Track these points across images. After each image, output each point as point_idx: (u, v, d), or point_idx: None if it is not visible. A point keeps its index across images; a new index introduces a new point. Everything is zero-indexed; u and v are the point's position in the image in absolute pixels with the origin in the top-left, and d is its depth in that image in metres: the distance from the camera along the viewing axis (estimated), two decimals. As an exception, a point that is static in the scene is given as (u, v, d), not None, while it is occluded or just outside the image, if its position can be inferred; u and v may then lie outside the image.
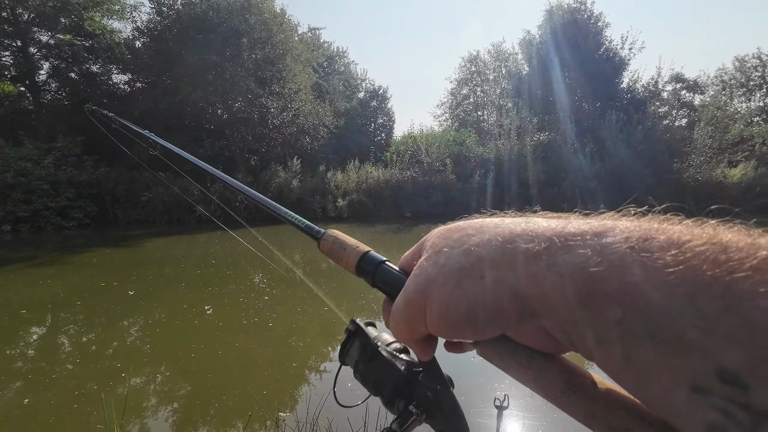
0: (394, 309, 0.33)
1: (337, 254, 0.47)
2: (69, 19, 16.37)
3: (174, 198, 15.23)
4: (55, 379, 3.64)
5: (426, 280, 0.30)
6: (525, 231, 0.27)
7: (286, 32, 17.51)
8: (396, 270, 0.39)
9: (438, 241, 0.32)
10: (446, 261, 0.29)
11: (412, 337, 0.34)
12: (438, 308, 0.29)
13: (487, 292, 0.26)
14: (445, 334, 0.30)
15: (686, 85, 26.02)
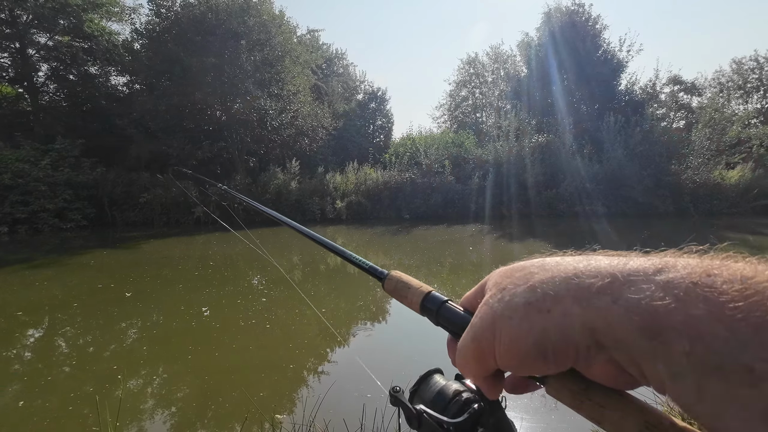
0: (461, 346, 0.34)
1: (401, 293, 0.49)
2: (68, 21, 16.37)
3: (172, 200, 15.21)
4: (51, 381, 3.62)
5: (492, 316, 0.31)
6: (587, 267, 0.28)
7: (285, 34, 17.53)
8: (459, 309, 0.41)
9: (501, 280, 0.33)
10: (511, 297, 0.30)
11: (481, 374, 0.34)
12: (507, 342, 0.30)
13: (555, 324, 0.27)
14: (515, 367, 0.31)
15: (684, 87, 26.12)
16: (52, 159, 14.50)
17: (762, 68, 25.48)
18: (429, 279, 7.39)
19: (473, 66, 27.85)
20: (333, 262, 8.99)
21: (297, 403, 3.20)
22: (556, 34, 19.58)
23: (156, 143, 16.27)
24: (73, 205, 14.50)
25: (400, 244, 10.88)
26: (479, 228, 13.13)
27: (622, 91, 20.30)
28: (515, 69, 24.07)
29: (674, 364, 0.23)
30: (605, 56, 19.78)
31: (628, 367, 0.26)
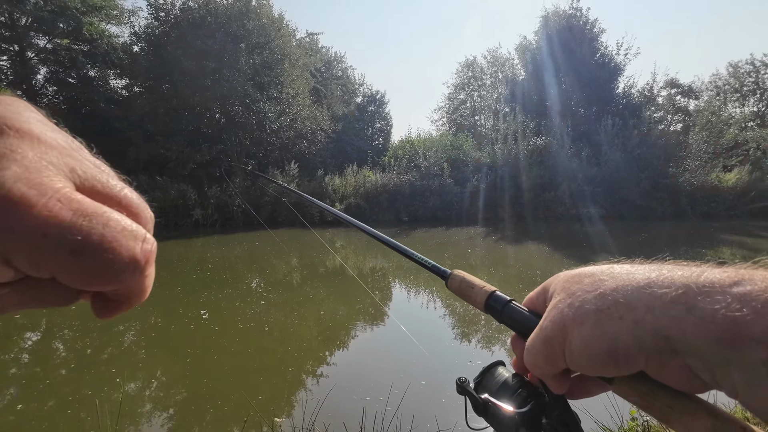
0: (531, 346, 0.36)
1: (466, 292, 0.52)
2: (67, 24, 16.38)
3: (171, 202, 15.18)
4: (49, 384, 3.61)
5: (563, 321, 0.33)
6: (660, 278, 0.30)
7: (284, 37, 17.56)
8: (524, 309, 0.43)
9: (569, 285, 0.35)
10: (581, 303, 0.32)
11: (550, 372, 0.36)
12: (578, 345, 0.31)
13: (627, 330, 0.29)
14: (586, 368, 0.32)
15: (681, 90, 26.25)
16: (50, 162, 14.47)
17: (758, 72, 25.65)
18: (428, 282, 7.40)
19: (471, 69, 27.97)
20: (332, 264, 9.00)
21: (296, 405, 3.20)
22: (554, 37, 19.70)
23: (155, 146, 16.25)
24: (71, 207, 14.47)
25: (399, 246, 10.88)
26: (477, 230, 13.16)
27: (620, 94, 20.42)
28: (513, 72, 24.17)
29: (751, 372, 0.24)
30: (603, 60, 19.90)
31: (700, 373, 0.27)
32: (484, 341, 4.46)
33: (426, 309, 5.91)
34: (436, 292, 6.77)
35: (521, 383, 0.44)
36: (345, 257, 9.66)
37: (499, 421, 0.43)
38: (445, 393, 3.17)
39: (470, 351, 4.24)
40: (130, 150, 16.43)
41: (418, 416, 2.62)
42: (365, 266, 8.79)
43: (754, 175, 16.26)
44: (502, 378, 0.46)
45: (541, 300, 0.40)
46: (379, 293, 6.69)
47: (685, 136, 17.30)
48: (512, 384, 0.44)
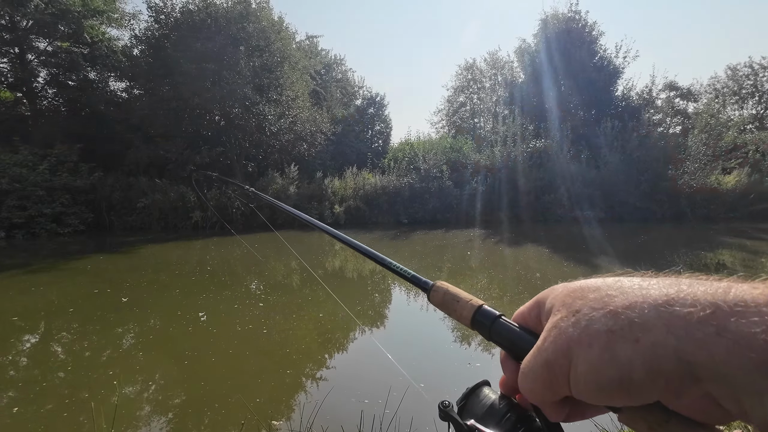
0: (528, 371, 0.33)
1: (450, 306, 0.48)
2: (68, 27, 16.43)
3: (170, 204, 15.18)
4: (46, 387, 3.59)
5: (568, 342, 0.29)
6: (681, 295, 0.26)
7: (284, 40, 17.62)
8: (515, 326, 0.40)
9: (570, 301, 0.31)
10: (588, 323, 0.28)
11: (549, 399, 0.33)
12: (585, 371, 0.28)
13: (644, 355, 0.25)
14: (593, 398, 0.29)
15: (680, 93, 26.34)
16: (50, 164, 14.48)
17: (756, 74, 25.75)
18: (427, 284, 7.38)
19: (471, 72, 28.04)
20: (331, 266, 8.98)
21: (294, 409, 3.18)
22: (553, 40, 19.78)
23: (154, 148, 16.27)
24: (70, 209, 14.46)
25: (399, 249, 10.87)
26: (477, 233, 13.15)
27: (619, 97, 20.48)
28: (513, 75, 24.23)
29: None
30: (601, 62, 19.97)
31: (724, 402, 0.24)
32: (483, 344, 4.44)
33: (427, 311, 5.89)
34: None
35: (509, 406, 0.41)
36: (344, 259, 9.64)
37: None
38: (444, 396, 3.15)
39: (470, 354, 4.22)
40: (130, 152, 16.45)
41: (417, 419, 2.60)
42: (364, 269, 8.78)
43: (753, 177, 16.28)
44: (489, 401, 0.42)
45: (533, 315, 0.37)
46: (378, 296, 6.68)
47: (684, 138, 17.33)
48: (500, 408, 0.41)
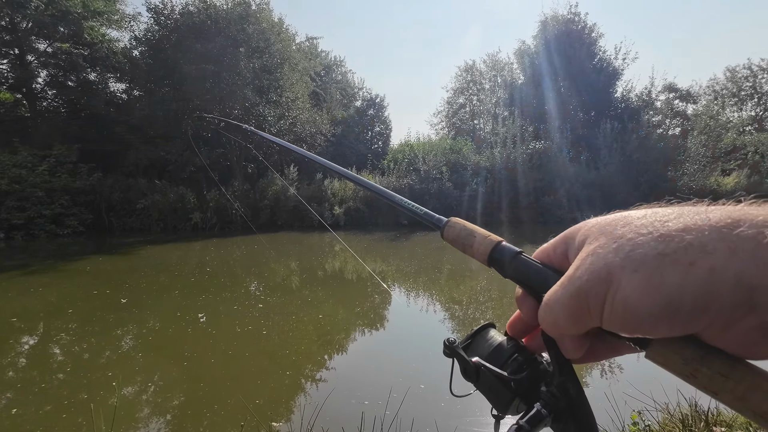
0: (554, 301, 0.31)
1: (465, 242, 0.45)
2: (68, 28, 16.44)
3: (170, 205, 15.17)
4: (45, 388, 3.57)
5: (607, 268, 0.27)
6: (748, 216, 0.24)
7: (284, 41, 17.64)
8: (536, 262, 0.37)
9: (611, 228, 0.29)
10: (634, 247, 0.26)
11: (574, 332, 0.31)
12: (626, 298, 0.26)
13: (699, 280, 0.23)
14: (629, 328, 0.27)
15: (679, 94, 26.40)
16: (49, 165, 14.46)
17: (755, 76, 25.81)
18: (427, 285, 7.38)
19: (471, 73, 28.06)
20: (330, 267, 8.97)
21: (294, 410, 3.17)
22: (552, 42, 19.82)
23: (154, 149, 16.27)
24: (69, 210, 14.44)
25: (398, 250, 10.86)
26: (477, 234, 13.13)
27: (618, 99, 20.52)
28: (512, 76, 24.27)
29: None
30: (601, 64, 20.02)
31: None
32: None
33: (426, 312, 5.88)
34: (435, 295, 6.75)
35: (516, 348, 0.40)
36: (344, 261, 9.63)
37: (491, 387, 0.38)
38: (444, 397, 3.14)
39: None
40: (130, 153, 16.45)
41: (418, 420, 2.60)
42: (364, 270, 8.76)
43: (752, 179, 16.31)
44: (495, 341, 0.41)
45: (559, 252, 0.34)
46: (378, 297, 6.67)
47: (684, 140, 17.36)
48: (507, 348, 0.40)
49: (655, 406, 2.43)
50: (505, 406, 0.38)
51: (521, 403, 0.37)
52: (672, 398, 2.47)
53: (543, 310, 0.32)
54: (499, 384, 0.38)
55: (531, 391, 0.36)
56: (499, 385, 0.38)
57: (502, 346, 0.40)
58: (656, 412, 2.40)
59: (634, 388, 2.59)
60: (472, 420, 2.82)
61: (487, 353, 0.41)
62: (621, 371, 3.64)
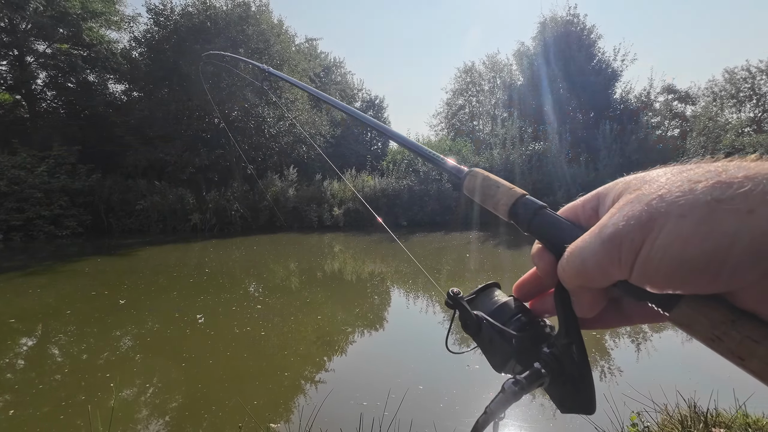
0: (581, 249, 0.29)
1: (488, 192, 0.43)
2: (67, 30, 16.45)
3: (169, 206, 15.16)
4: (42, 389, 3.56)
5: (650, 212, 0.25)
6: None
7: (284, 43, 17.67)
8: (562, 218, 0.36)
9: (656, 177, 0.27)
10: (684, 193, 0.24)
11: (597, 284, 0.29)
12: (667, 245, 0.23)
13: (756, 228, 0.21)
14: (661, 281, 0.25)
15: (678, 96, 26.44)
16: (48, 166, 14.46)
17: (754, 78, 25.84)
18: (426, 286, 7.37)
19: (470, 74, 28.10)
20: (330, 269, 8.96)
21: (293, 411, 3.16)
22: (551, 43, 19.85)
23: (153, 150, 16.26)
24: (68, 212, 14.43)
25: (398, 251, 10.86)
26: (476, 235, 13.15)
27: (617, 100, 20.54)
28: (511, 78, 24.30)
29: None
30: (600, 66, 20.04)
31: None
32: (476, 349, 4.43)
33: (426, 314, 5.88)
34: (434, 297, 6.74)
35: (521, 309, 0.39)
36: (343, 262, 9.63)
37: (491, 342, 0.38)
38: (443, 398, 3.13)
39: (468, 356, 4.20)
40: (129, 154, 16.44)
41: (416, 422, 2.59)
42: (363, 271, 8.76)
43: (751, 180, 16.33)
44: (500, 300, 0.41)
45: (589, 207, 0.33)
46: (377, 298, 6.66)
47: (683, 141, 17.39)
48: (511, 307, 0.39)
49: (654, 408, 2.43)
50: (503, 363, 0.38)
51: (517, 364, 0.37)
52: (671, 399, 2.46)
53: (566, 259, 0.30)
54: (500, 339, 0.37)
55: (530, 353, 0.36)
56: (500, 340, 0.37)
57: (507, 304, 0.40)
58: (655, 413, 2.40)
59: (633, 389, 2.59)
60: (471, 421, 2.82)
61: (490, 310, 0.40)
62: (620, 373, 3.64)
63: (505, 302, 0.40)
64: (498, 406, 0.34)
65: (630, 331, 4.72)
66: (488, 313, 0.39)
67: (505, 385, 0.34)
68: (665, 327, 4.96)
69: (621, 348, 4.32)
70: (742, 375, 0.24)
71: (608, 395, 2.31)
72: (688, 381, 3.01)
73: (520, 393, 0.33)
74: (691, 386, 2.59)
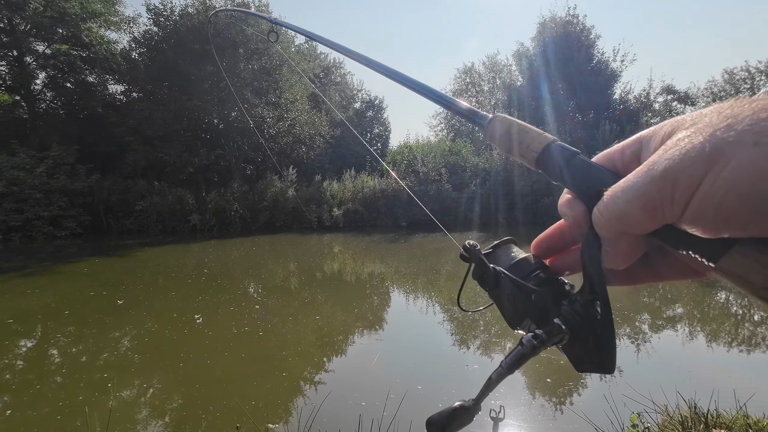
0: (624, 190, 0.26)
1: (516, 137, 0.38)
2: (66, 30, 16.45)
3: (168, 207, 15.14)
4: (40, 390, 3.55)
5: (715, 143, 0.21)
6: None
7: (283, 43, 17.67)
8: (598, 165, 0.32)
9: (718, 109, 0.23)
10: (757, 121, 0.21)
11: (638, 229, 0.26)
12: (736, 178, 0.20)
13: None
14: (718, 222, 0.22)
15: (677, 96, 26.46)
16: (47, 166, 14.43)
17: (753, 78, 25.89)
18: (426, 287, 7.36)
19: (469, 75, 28.13)
20: (329, 269, 8.94)
21: (291, 412, 3.15)
22: (551, 44, 19.86)
23: (153, 151, 16.26)
24: (67, 212, 14.40)
25: (397, 252, 10.85)
26: (476, 235, 13.14)
27: (617, 101, 20.55)
28: (511, 78, 24.32)
29: None
30: (599, 66, 20.06)
31: None
32: (482, 348, 4.42)
33: (425, 314, 5.87)
34: (434, 297, 6.73)
35: (540, 265, 0.37)
36: (342, 262, 9.61)
37: (509, 296, 0.36)
38: (442, 398, 3.12)
39: (467, 357, 4.19)
40: (128, 155, 16.43)
41: (416, 422, 2.57)
42: (363, 271, 8.74)
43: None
44: (519, 255, 0.39)
45: (629, 153, 0.30)
46: (376, 299, 6.65)
47: (682, 141, 17.38)
48: (530, 263, 0.37)
49: (654, 408, 2.42)
50: (520, 318, 0.36)
51: (532, 323, 0.35)
52: (671, 400, 2.45)
53: (606, 202, 0.27)
54: (519, 294, 0.35)
55: (549, 309, 0.34)
56: (519, 294, 0.35)
57: (526, 260, 0.38)
58: (655, 414, 2.39)
59: (632, 390, 2.58)
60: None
61: (508, 265, 0.38)
62: (620, 373, 3.63)
63: (523, 257, 0.38)
64: (514, 361, 0.33)
65: (630, 332, 4.71)
66: (506, 268, 0.38)
67: (524, 339, 0.32)
68: (665, 327, 4.96)
69: (621, 348, 4.31)
70: (743, 376, 0.24)
71: (608, 395, 2.30)
72: (688, 382, 3.00)
73: (539, 348, 0.31)
74: (691, 387, 2.58)
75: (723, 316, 5.38)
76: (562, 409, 3.00)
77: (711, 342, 4.50)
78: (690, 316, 5.43)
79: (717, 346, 4.38)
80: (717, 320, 5.23)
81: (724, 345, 4.41)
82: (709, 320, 5.26)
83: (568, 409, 2.96)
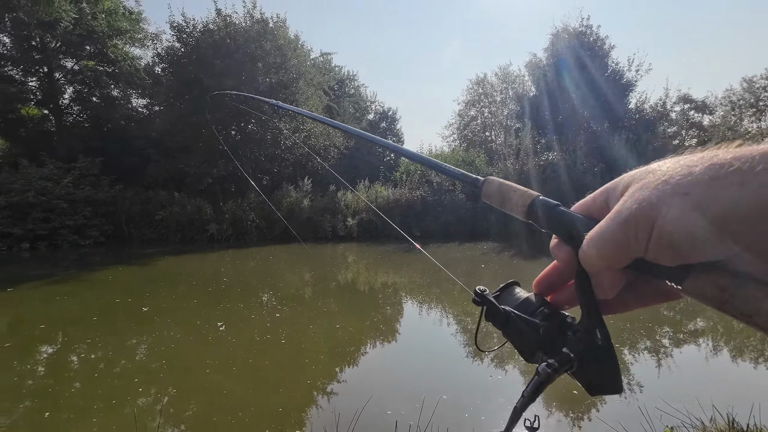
0: (600, 233, 0.32)
1: (506, 195, 0.47)
2: (93, 47, 17.19)
3: (187, 217, 15.47)
4: (64, 397, 3.64)
5: (658, 197, 0.28)
6: None
7: (300, 57, 18.10)
8: (575, 213, 0.39)
9: (657, 167, 0.31)
10: (685, 176, 0.28)
11: (615, 264, 0.32)
12: (676, 219, 0.27)
13: (751, 195, 0.25)
14: (673, 252, 0.28)
15: (694, 105, 26.03)
16: (73, 177, 14.95)
17: (773, 86, 25.31)
18: (441, 298, 7.33)
19: (482, 86, 28.24)
20: (343, 279, 8.98)
21: (318, 418, 3.16)
22: (564, 54, 19.85)
23: (173, 162, 16.70)
24: (91, 221, 14.85)
25: (411, 262, 10.84)
26: (491, 246, 13.04)
27: (633, 110, 20.33)
28: (524, 88, 24.32)
29: None
30: (614, 76, 19.92)
31: None
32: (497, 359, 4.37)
33: (440, 325, 5.84)
34: (448, 307, 6.70)
35: (542, 302, 0.42)
36: (356, 272, 9.64)
37: (520, 333, 0.41)
38: (467, 408, 3.10)
39: (490, 368, 4.15)
40: (150, 166, 16.92)
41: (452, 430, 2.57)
42: (376, 282, 8.76)
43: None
44: (523, 295, 0.44)
45: (600, 201, 0.37)
46: (390, 309, 6.65)
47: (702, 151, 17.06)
48: (534, 301, 0.43)
49: (690, 422, 2.37)
50: (533, 352, 0.41)
51: (543, 355, 0.39)
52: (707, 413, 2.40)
53: (587, 244, 0.34)
54: (528, 330, 0.40)
55: (556, 340, 0.38)
56: (528, 330, 0.40)
57: (529, 299, 0.43)
58: (693, 429, 2.34)
59: (665, 403, 2.53)
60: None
61: (515, 304, 0.43)
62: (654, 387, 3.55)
63: (527, 297, 0.44)
64: (534, 389, 0.37)
65: (665, 344, 4.61)
66: (513, 308, 0.42)
67: (539, 369, 0.36)
68: (699, 340, 4.83)
69: (654, 361, 4.21)
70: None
71: (642, 408, 2.26)
72: (724, 395, 2.93)
73: (553, 375, 0.36)
74: (727, 401, 2.52)
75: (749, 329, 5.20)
76: (595, 420, 2.95)
77: (744, 355, 4.37)
78: (728, 328, 5.28)
79: (753, 359, 4.25)
80: (748, 331, 5.07)
81: (761, 358, 4.27)
82: (742, 331, 5.11)
83: (598, 419, 2.91)
